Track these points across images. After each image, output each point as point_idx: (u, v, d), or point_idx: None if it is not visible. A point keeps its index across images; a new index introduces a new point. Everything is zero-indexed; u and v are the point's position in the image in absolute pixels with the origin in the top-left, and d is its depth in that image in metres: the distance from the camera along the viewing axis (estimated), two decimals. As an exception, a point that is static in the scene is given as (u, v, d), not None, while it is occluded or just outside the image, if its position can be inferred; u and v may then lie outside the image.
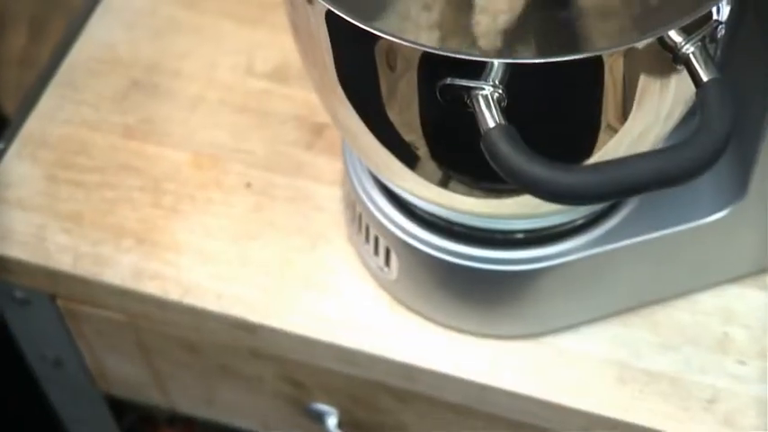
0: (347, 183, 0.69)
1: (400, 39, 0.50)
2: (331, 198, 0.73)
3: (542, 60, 0.49)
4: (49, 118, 0.77)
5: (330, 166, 0.75)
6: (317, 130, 0.76)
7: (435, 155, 0.56)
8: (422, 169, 0.57)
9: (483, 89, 0.50)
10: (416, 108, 0.53)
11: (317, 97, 0.62)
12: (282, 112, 0.77)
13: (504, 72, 0.50)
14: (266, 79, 0.79)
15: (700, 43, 0.51)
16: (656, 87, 0.53)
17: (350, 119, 0.57)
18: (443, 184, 0.58)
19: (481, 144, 0.49)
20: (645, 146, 0.56)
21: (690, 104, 0.57)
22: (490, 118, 0.49)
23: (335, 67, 0.55)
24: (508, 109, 0.50)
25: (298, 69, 0.78)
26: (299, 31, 0.57)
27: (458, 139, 0.53)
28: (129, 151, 0.76)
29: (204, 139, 0.76)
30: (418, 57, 0.51)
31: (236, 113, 0.77)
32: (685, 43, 0.51)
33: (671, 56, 0.51)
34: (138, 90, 0.79)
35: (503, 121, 0.49)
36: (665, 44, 0.51)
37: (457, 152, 0.55)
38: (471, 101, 0.50)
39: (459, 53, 0.50)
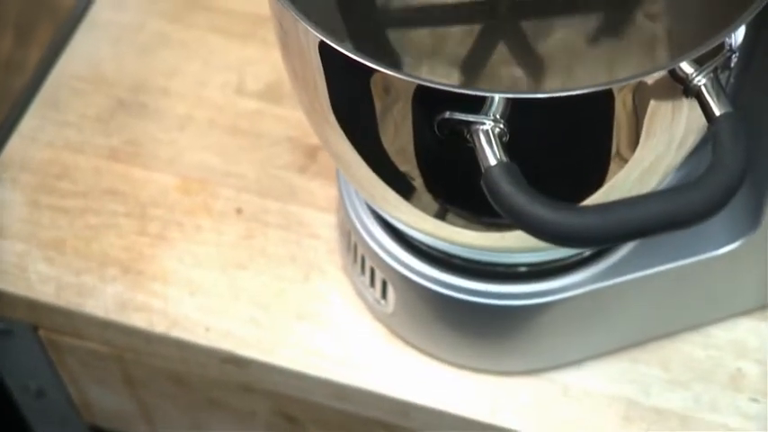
0: (341, 211, 0.68)
1: (397, 72, 0.49)
2: (325, 225, 0.72)
3: (548, 95, 0.48)
4: (30, 140, 0.76)
5: (324, 191, 0.73)
6: (311, 152, 0.75)
7: (432, 188, 0.55)
8: (418, 201, 0.56)
9: (483, 124, 0.49)
10: (413, 141, 0.52)
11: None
12: (274, 133, 0.76)
13: (506, 106, 0.49)
14: (257, 98, 0.78)
15: (712, 75, 0.50)
16: (667, 118, 0.52)
17: (342, 147, 0.56)
18: (441, 216, 0.57)
19: (481, 182, 0.48)
20: (656, 177, 0.56)
21: (703, 132, 0.55)
22: (491, 155, 0.48)
23: (329, 97, 0.54)
24: (510, 143, 0.49)
25: (290, 88, 0.76)
26: (289, 55, 0.56)
27: (456, 173, 0.52)
28: (114, 175, 0.75)
29: (193, 162, 0.75)
30: (415, 89, 0.49)
31: (227, 135, 0.76)
32: (697, 75, 0.50)
33: (681, 87, 0.50)
34: (124, 110, 0.78)
35: (504, 159, 0.48)
36: (675, 75, 0.50)
37: (455, 186, 0.54)
38: (471, 136, 0.49)
39: (458, 88, 0.48)
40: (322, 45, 0.50)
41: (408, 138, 0.52)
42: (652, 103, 0.51)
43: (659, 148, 0.54)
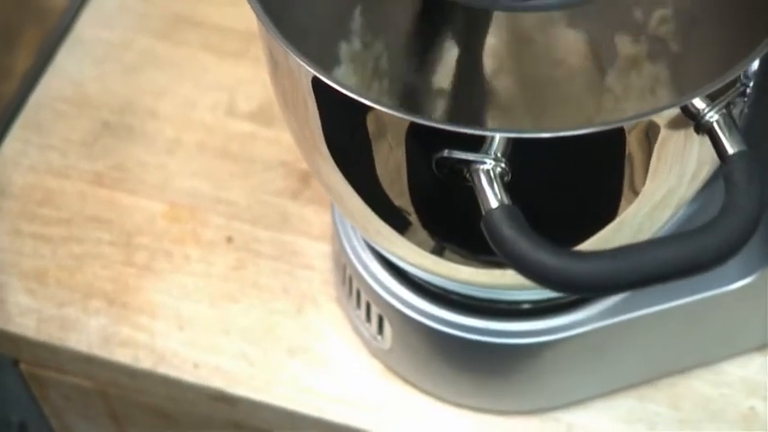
0: (336, 242, 0.67)
1: (394, 111, 0.48)
2: (319, 255, 0.71)
3: (553, 135, 0.47)
4: (12, 164, 0.75)
5: (318, 218, 0.72)
6: (304, 177, 0.74)
7: (429, 225, 0.54)
8: (414, 236, 0.55)
9: (484, 163, 0.48)
10: (409, 179, 0.51)
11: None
12: (267, 157, 0.75)
13: (508, 144, 0.47)
14: (249, 120, 0.77)
15: (724, 110, 0.49)
16: (678, 153, 0.51)
17: (335, 179, 0.55)
18: (438, 252, 0.56)
19: (481, 225, 0.47)
20: (668, 211, 0.55)
21: (717, 164, 0.54)
22: (492, 196, 0.47)
23: (322, 131, 0.53)
24: (512, 181, 0.48)
25: (284, 110, 0.75)
26: (280, 84, 0.55)
27: (455, 211, 0.52)
28: (99, 201, 0.74)
29: (181, 188, 0.74)
30: (412, 127, 0.48)
31: (217, 159, 0.75)
32: (709, 110, 0.49)
33: (692, 123, 0.49)
34: (110, 133, 0.77)
35: (506, 201, 0.47)
36: (686, 111, 0.49)
37: (454, 224, 0.53)
38: (471, 175, 0.48)
39: (457, 126, 0.47)
40: (315, 80, 0.49)
41: (405, 175, 0.51)
42: (662, 139, 0.49)
43: (670, 181, 0.53)
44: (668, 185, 0.53)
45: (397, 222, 0.54)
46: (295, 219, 0.73)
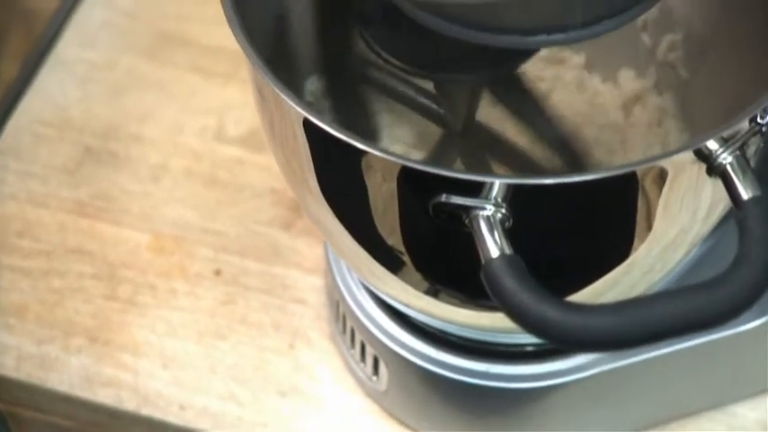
0: (329, 277, 0.66)
1: (389, 155, 0.47)
2: (312, 288, 0.70)
3: (556, 181, 0.46)
4: (-12, 192, 0.75)
5: (311, 250, 0.72)
6: (296, 206, 0.73)
7: (425, 270, 0.53)
8: (408, 277, 0.55)
9: (484, 209, 0.47)
10: (404, 222, 0.51)
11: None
12: (256, 184, 0.74)
13: (509, 188, 0.47)
14: (238, 145, 0.76)
15: (738, 152, 0.48)
16: (690, 193, 0.50)
17: (324, 217, 0.55)
18: (434, 294, 0.55)
19: (481, 275, 0.46)
20: (681, 250, 0.54)
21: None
22: (492, 245, 0.46)
23: (313, 169, 0.52)
24: (513, 227, 0.47)
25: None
26: (268, 119, 0.54)
27: (452, 256, 0.51)
28: (80, 232, 0.73)
29: (167, 218, 0.73)
30: (408, 170, 0.48)
31: (204, 186, 0.75)
32: (722, 152, 0.48)
33: (705, 165, 0.48)
34: (92, 159, 0.76)
35: (507, 250, 0.46)
36: (698, 153, 0.48)
37: (451, 269, 0.53)
38: (470, 221, 0.47)
39: (456, 172, 0.47)
40: (307, 121, 0.48)
41: (399, 218, 0.51)
42: (672, 182, 0.49)
43: (682, 222, 0.52)
44: (680, 225, 0.52)
45: (391, 263, 0.54)
46: (286, 250, 0.72)
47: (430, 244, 0.51)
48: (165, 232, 0.73)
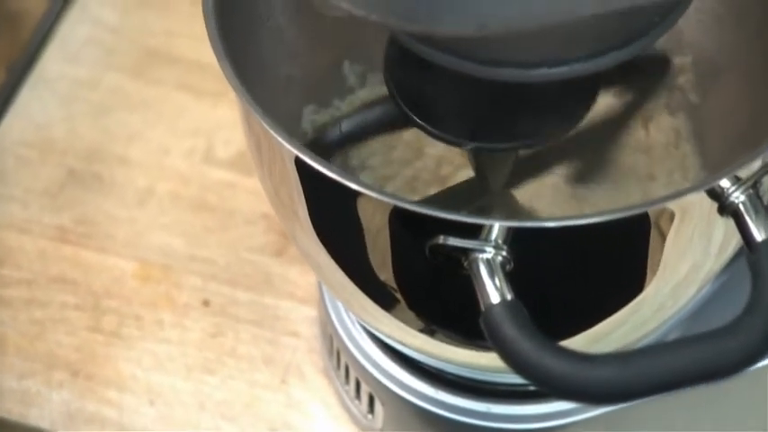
0: (322, 310, 0.66)
1: (385, 197, 0.47)
2: (305, 319, 0.70)
3: (559, 225, 0.45)
4: (-33, 218, 0.74)
5: (304, 279, 0.71)
6: (289, 232, 0.72)
7: (420, 309, 0.53)
8: (402, 314, 0.54)
9: (484, 252, 0.46)
10: (399, 263, 0.50)
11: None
12: (247, 209, 0.74)
13: (509, 230, 0.46)
14: (228, 168, 0.76)
15: (751, 190, 0.47)
16: (701, 231, 0.50)
17: (314, 250, 0.54)
18: (430, 332, 0.55)
19: (480, 322, 0.46)
20: (693, 287, 0.54)
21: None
22: (493, 290, 0.46)
23: (304, 203, 0.51)
24: (515, 269, 0.46)
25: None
26: (254, 138, 0.53)
27: (449, 298, 0.50)
28: (63, 259, 0.72)
29: (154, 245, 0.73)
30: (404, 211, 0.47)
31: (193, 211, 0.74)
32: (734, 191, 0.47)
33: (716, 204, 0.48)
34: (76, 182, 0.75)
35: (508, 295, 0.45)
36: (710, 192, 0.47)
37: (448, 310, 0.52)
38: (469, 264, 0.46)
39: (454, 215, 0.46)
40: (300, 159, 0.48)
41: (394, 259, 0.50)
42: (682, 221, 0.48)
43: (694, 257, 0.51)
44: (691, 262, 0.52)
45: (383, 300, 0.53)
46: (278, 279, 0.71)
47: (426, 284, 0.51)
48: (152, 260, 0.72)
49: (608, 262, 0.50)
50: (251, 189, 0.74)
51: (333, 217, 0.51)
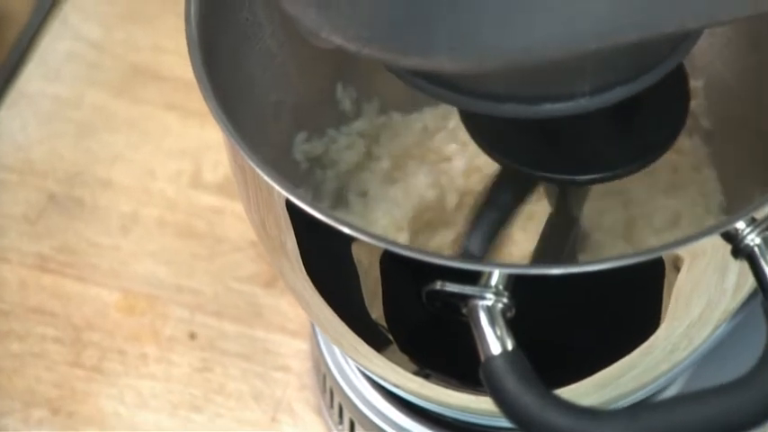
0: (315, 347, 0.65)
1: (380, 242, 0.46)
2: (296, 353, 0.69)
3: (564, 272, 0.45)
4: (-58, 245, 0.74)
5: (296, 311, 0.70)
6: (280, 261, 0.72)
7: (415, 353, 0.53)
8: (395, 356, 0.54)
9: (484, 298, 0.46)
10: (394, 308, 0.50)
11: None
12: (236, 236, 0.73)
13: (511, 275, 0.46)
14: (216, 192, 0.75)
15: (767, 232, 0.47)
16: (716, 272, 0.49)
17: (302, 287, 0.54)
18: (425, 375, 0.54)
19: (480, 373, 0.45)
20: (708, 327, 0.53)
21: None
22: (494, 340, 0.45)
23: (295, 242, 0.51)
24: (517, 315, 0.46)
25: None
26: (239, 169, 0.53)
27: (446, 342, 0.50)
28: (42, 289, 0.72)
29: (138, 274, 0.72)
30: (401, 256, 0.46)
31: (179, 238, 0.73)
32: (749, 233, 0.47)
33: (730, 247, 0.47)
34: (56, 207, 0.75)
35: (510, 345, 0.45)
36: (724, 234, 0.47)
37: (445, 354, 0.51)
38: (468, 311, 0.46)
39: (452, 261, 0.46)
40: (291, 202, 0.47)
41: (390, 302, 0.50)
42: (692, 264, 0.48)
43: (709, 297, 0.51)
44: (705, 302, 0.51)
45: (376, 341, 0.53)
46: (268, 310, 0.71)
47: (421, 328, 0.51)
48: (136, 290, 0.72)
49: (617, 305, 0.49)
50: (240, 215, 0.73)
51: (323, 256, 0.51)
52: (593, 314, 0.49)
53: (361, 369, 0.61)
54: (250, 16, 0.56)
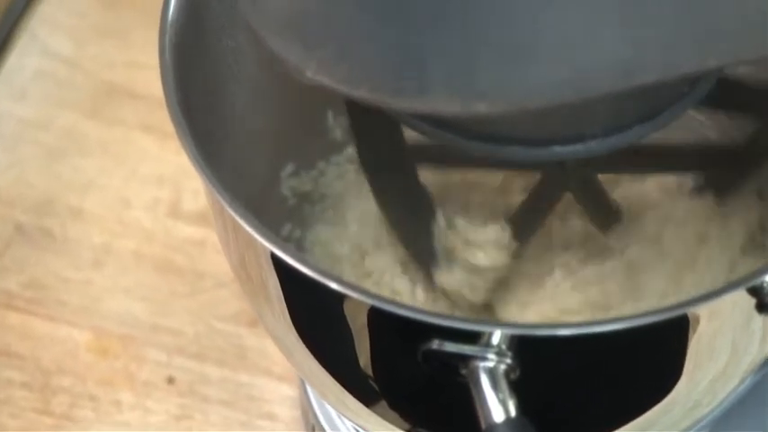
0: (303, 395, 0.65)
1: (373, 300, 0.45)
2: (283, 399, 0.69)
3: (575, 333, 0.44)
4: None
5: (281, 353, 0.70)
6: (266, 298, 0.72)
7: (408, 412, 0.52)
8: (387, 414, 0.53)
9: (486, 359, 0.45)
10: (387, 368, 0.50)
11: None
12: (219, 270, 0.73)
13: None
14: (197, 222, 0.75)
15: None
16: (739, 326, 0.49)
17: (284, 334, 0.53)
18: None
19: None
20: (733, 380, 0.53)
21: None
22: (496, 406, 0.45)
23: (282, 297, 0.50)
24: (521, 377, 0.45)
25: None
26: (227, 239, 0.52)
27: (442, 402, 0.50)
28: (8, 329, 0.72)
29: (111, 312, 0.72)
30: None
31: (156, 273, 0.74)
32: (774, 286, 0.46)
33: (754, 301, 0.47)
34: (24, 239, 0.75)
35: (513, 411, 0.44)
36: (750, 289, 0.46)
37: (440, 413, 0.51)
38: (468, 373, 0.45)
39: (452, 320, 0.45)
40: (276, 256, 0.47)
41: (382, 359, 0.49)
42: (712, 319, 0.47)
43: (736, 349, 0.51)
44: (729, 355, 0.51)
45: (366, 397, 0.53)
46: (253, 353, 0.71)
47: (415, 387, 0.50)
48: (109, 330, 0.72)
49: (632, 362, 0.48)
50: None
51: (312, 309, 0.50)
52: (605, 372, 0.48)
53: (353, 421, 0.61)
54: (231, 42, 0.56)
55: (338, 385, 0.53)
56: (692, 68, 0.41)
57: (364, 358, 0.50)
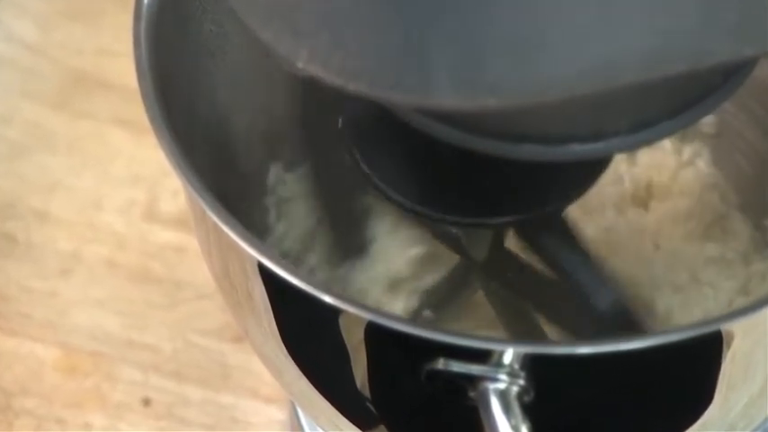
0: (293, 417, 0.67)
1: (369, 313, 0.46)
2: (270, 423, 0.70)
3: (594, 351, 0.44)
4: None
5: (268, 371, 0.70)
6: (251, 310, 0.72)
7: None
8: None
9: (496, 380, 0.45)
10: (387, 387, 0.50)
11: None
12: (200, 280, 0.74)
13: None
14: (176, 226, 0.76)
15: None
16: None
17: (273, 353, 0.54)
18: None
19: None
20: None
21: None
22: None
23: (271, 311, 0.51)
24: (535, 400, 0.46)
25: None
26: (209, 249, 0.53)
27: (447, 426, 0.50)
28: (-34, 346, 0.73)
29: (80, 326, 0.73)
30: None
31: (131, 283, 0.74)
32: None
33: None
34: (-17, 246, 0.76)
35: None
36: None
37: None
38: (477, 396, 0.46)
39: (459, 337, 0.45)
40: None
41: (381, 380, 0.50)
42: (746, 336, 0.47)
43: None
44: (766, 376, 0.51)
45: (362, 421, 0.54)
46: (237, 371, 0.71)
47: (417, 410, 0.51)
48: (78, 346, 0.72)
49: (659, 383, 0.49)
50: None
51: (304, 324, 0.51)
52: (629, 395, 0.49)
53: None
54: (214, 27, 0.56)
55: (332, 408, 0.53)
56: (725, 57, 0.41)
57: (361, 378, 0.50)
